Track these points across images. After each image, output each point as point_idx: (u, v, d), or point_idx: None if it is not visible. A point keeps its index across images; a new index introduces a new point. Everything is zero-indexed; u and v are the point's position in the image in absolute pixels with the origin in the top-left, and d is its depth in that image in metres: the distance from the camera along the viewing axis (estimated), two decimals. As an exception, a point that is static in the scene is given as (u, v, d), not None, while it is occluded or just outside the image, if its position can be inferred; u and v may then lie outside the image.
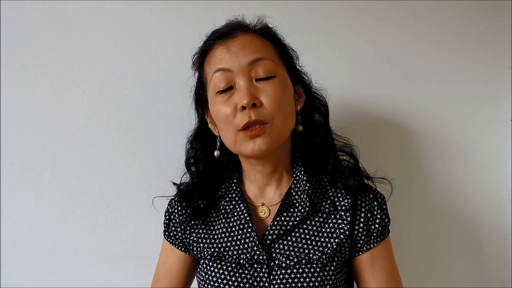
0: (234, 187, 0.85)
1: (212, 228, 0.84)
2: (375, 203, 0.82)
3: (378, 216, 0.81)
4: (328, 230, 0.79)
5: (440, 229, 1.12)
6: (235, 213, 0.82)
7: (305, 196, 0.80)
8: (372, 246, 0.80)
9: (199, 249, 0.84)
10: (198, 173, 0.89)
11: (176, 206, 0.88)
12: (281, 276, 0.75)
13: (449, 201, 1.12)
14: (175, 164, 0.95)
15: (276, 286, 0.75)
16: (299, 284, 0.74)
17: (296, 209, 0.80)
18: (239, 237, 0.81)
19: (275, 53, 0.81)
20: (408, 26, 1.12)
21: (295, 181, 0.83)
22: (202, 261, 0.83)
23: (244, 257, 0.79)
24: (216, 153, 0.84)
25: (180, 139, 0.97)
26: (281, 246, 0.78)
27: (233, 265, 0.78)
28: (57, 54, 1.02)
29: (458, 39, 1.13)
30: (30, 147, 1.02)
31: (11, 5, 1.01)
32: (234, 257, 0.79)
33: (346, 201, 0.81)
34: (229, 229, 0.82)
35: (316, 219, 0.80)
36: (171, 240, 0.88)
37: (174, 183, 0.91)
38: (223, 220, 0.84)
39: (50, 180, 1.02)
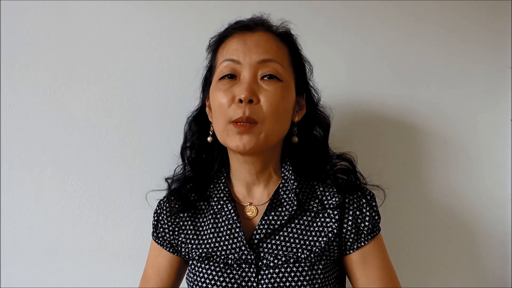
0: (222, 187, 0.85)
1: (200, 228, 0.84)
2: (364, 200, 0.81)
3: (368, 213, 0.81)
4: (316, 229, 0.79)
5: (439, 229, 1.12)
6: (223, 213, 0.82)
7: (292, 195, 0.80)
8: (362, 244, 0.80)
9: (187, 250, 0.84)
10: (190, 161, 0.89)
11: (164, 207, 0.88)
12: (269, 276, 0.75)
13: (449, 201, 1.12)
14: (175, 164, 0.96)
15: (264, 285, 0.75)
16: (287, 284, 0.74)
17: (284, 208, 0.80)
18: (227, 237, 0.80)
19: (288, 59, 0.82)
20: (408, 26, 1.12)
21: (283, 180, 0.83)
22: (190, 262, 0.83)
23: (232, 257, 0.78)
24: (209, 138, 0.84)
25: (180, 139, 0.98)
26: (269, 246, 0.78)
27: (221, 265, 0.78)
28: (57, 54, 1.02)
29: (458, 39, 1.13)
30: (30, 147, 1.02)
31: (11, 5, 1.01)
32: (222, 257, 0.79)
33: (334, 199, 0.80)
34: (217, 229, 0.82)
35: (304, 218, 0.80)
36: (159, 241, 0.88)
37: (166, 179, 0.91)
38: (211, 221, 0.83)
39: (50, 180, 1.02)
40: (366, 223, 0.80)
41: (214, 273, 0.77)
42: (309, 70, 0.88)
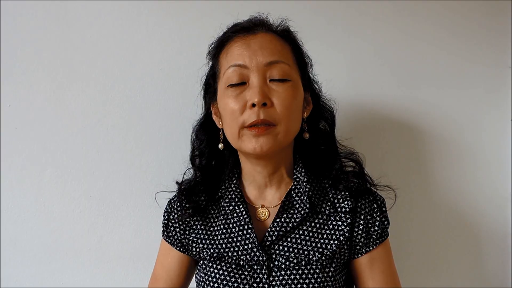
0: (234, 188, 0.84)
1: (212, 228, 0.84)
2: (375, 205, 0.82)
3: (378, 218, 0.81)
4: (327, 231, 0.79)
5: (440, 229, 1.12)
6: (235, 214, 0.82)
7: (305, 197, 0.80)
8: (371, 248, 0.80)
9: (198, 250, 0.84)
10: (201, 167, 0.89)
11: (175, 206, 0.88)
12: (280, 278, 0.75)
13: (449, 201, 1.13)
14: (176, 164, 0.96)
15: (276, 287, 0.75)
16: (299, 286, 0.74)
17: (296, 211, 0.80)
18: (239, 238, 0.80)
19: (292, 57, 0.81)
20: (408, 26, 1.12)
21: (295, 183, 0.82)
22: (201, 261, 0.83)
23: (244, 258, 0.78)
24: (220, 145, 0.84)
25: (181, 139, 0.98)
26: (281, 248, 0.78)
27: (233, 266, 0.78)
28: (57, 54, 1.02)
29: (458, 39, 1.13)
30: (30, 147, 1.02)
31: (11, 5, 1.01)
32: (234, 258, 0.79)
33: (346, 203, 0.80)
34: (228, 230, 0.82)
35: (316, 220, 0.80)
36: (169, 240, 0.88)
37: (177, 182, 0.90)
38: (223, 221, 0.83)
39: (50, 180, 1.02)
40: (376, 228, 0.81)
41: (226, 273, 0.78)
42: (310, 64, 0.88)
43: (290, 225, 0.79)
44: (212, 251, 0.81)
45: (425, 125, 1.12)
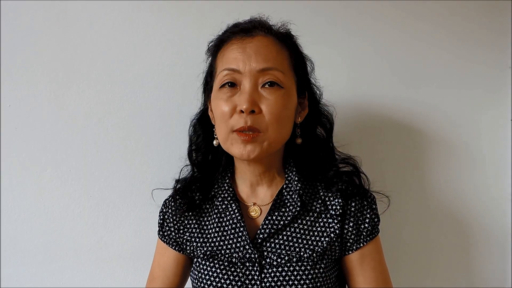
0: (226, 187, 0.86)
1: (205, 227, 0.85)
2: (365, 203, 0.83)
3: (368, 215, 0.82)
4: (318, 229, 0.81)
5: (440, 229, 1.12)
6: (227, 213, 0.83)
7: (296, 196, 0.81)
8: (361, 245, 0.81)
9: (192, 248, 0.85)
10: (197, 163, 0.90)
11: (170, 206, 0.89)
12: (272, 274, 0.76)
13: (449, 201, 1.13)
14: (175, 164, 0.96)
15: (268, 284, 0.76)
16: (290, 282, 0.75)
17: (287, 209, 0.81)
18: (231, 236, 0.81)
19: (289, 63, 0.81)
20: (408, 26, 1.12)
21: (286, 181, 0.84)
22: (195, 260, 0.84)
23: (236, 255, 0.80)
24: (215, 142, 0.84)
25: (180, 139, 0.98)
26: (273, 245, 0.79)
27: (226, 263, 0.79)
28: (57, 54, 1.02)
29: (458, 39, 1.13)
30: (30, 147, 1.02)
31: (11, 5, 1.01)
32: (227, 255, 0.80)
33: (336, 200, 0.82)
34: (221, 228, 0.83)
35: (307, 218, 0.81)
36: (165, 240, 0.89)
37: (176, 180, 0.92)
38: (216, 220, 0.84)
39: (50, 180, 1.02)
40: (366, 225, 0.82)
41: (218, 271, 0.79)
42: (310, 68, 0.88)
43: (282, 222, 0.80)
44: (205, 249, 0.82)
45: (424, 125, 1.12)
